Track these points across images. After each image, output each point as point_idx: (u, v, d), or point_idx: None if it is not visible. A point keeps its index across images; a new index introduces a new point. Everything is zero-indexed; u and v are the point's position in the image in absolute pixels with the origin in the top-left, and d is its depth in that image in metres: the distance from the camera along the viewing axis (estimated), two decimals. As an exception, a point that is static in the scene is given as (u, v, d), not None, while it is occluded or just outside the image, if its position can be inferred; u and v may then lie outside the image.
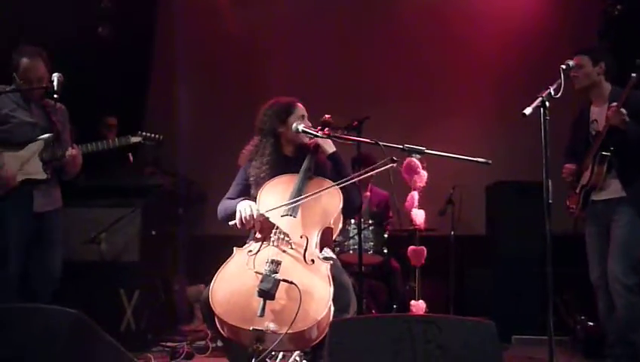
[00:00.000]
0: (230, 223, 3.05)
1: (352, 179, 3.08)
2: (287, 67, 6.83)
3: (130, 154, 5.44)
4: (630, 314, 3.70)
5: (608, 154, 3.77)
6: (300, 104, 3.35)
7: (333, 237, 3.16)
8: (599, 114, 3.91)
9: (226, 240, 3.04)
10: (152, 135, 4.20)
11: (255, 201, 3.07)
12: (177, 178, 6.00)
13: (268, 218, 2.95)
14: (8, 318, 2.23)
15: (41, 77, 3.79)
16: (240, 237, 3.15)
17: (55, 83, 3.62)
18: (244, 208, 2.99)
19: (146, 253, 5.15)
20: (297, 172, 3.17)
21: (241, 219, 2.98)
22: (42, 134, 3.86)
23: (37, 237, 3.84)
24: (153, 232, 5.26)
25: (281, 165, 3.24)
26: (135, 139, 4.12)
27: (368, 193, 5.46)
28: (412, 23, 6.81)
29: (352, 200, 3.17)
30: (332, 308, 2.65)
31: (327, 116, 3.39)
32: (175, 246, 5.82)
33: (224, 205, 3.22)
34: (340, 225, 3.18)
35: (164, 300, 5.44)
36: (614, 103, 3.66)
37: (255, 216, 2.96)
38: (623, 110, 3.61)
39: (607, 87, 3.93)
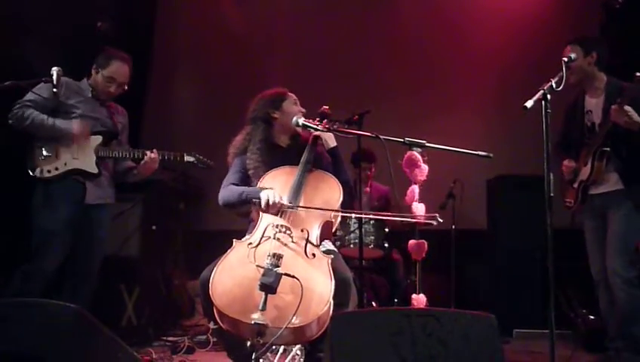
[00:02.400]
0: (254, 200, 3.02)
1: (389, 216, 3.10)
2: (287, 63, 6.83)
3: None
4: (631, 307, 3.70)
5: (608, 149, 3.75)
6: (290, 92, 3.40)
7: (333, 230, 3.15)
8: (595, 105, 3.88)
9: (227, 235, 3.04)
10: (206, 159, 4.26)
11: None
12: (177, 173, 5.99)
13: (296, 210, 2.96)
14: (9, 313, 2.23)
15: (125, 83, 4.06)
16: (240, 231, 3.14)
17: (54, 77, 3.61)
18: (273, 194, 2.97)
19: (147, 248, 5.16)
20: (291, 162, 3.18)
21: (267, 202, 2.95)
22: (101, 129, 3.96)
23: (85, 230, 3.86)
24: (153, 227, 5.27)
25: (272, 154, 3.25)
26: (189, 159, 4.18)
27: (368, 188, 5.46)
28: (413, 17, 6.79)
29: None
30: (332, 303, 2.65)
31: (325, 107, 3.39)
32: (175, 241, 5.82)
33: (234, 190, 3.20)
34: (339, 218, 3.17)
35: (164, 295, 5.45)
36: (617, 101, 3.60)
37: (283, 205, 2.96)
38: (627, 108, 3.56)
39: (602, 77, 3.89)
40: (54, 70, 3.64)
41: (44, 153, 3.76)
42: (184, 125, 7.07)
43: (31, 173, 3.74)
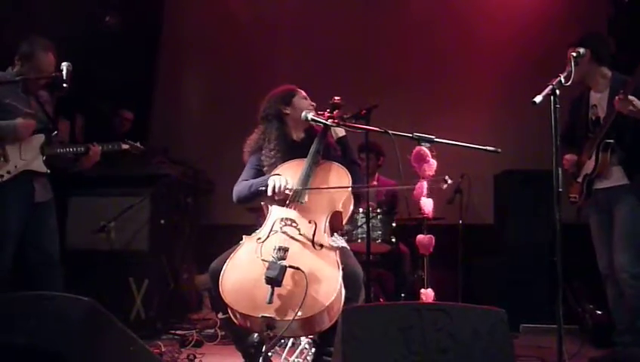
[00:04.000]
0: (261, 188, 3.05)
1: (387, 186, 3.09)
2: (295, 56, 6.83)
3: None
4: (639, 301, 3.70)
5: (612, 141, 3.74)
6: (298, 88, 3.42)
7: (344, 221, 3.16)
8: (600, 99, 3.87)
9: (235, 229, 3.07)
10: (137, 144, 4.32)
11: None
12: (186, 167, 6.02)
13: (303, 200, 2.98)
14: (23, 306, 2.25)
15: (51, 71, 3.81)
16: (248, 226, 3.16)
17: (64, 72, 3.62)
18: (280, 179, 3.00)
19: (155, 242, 5.19)
20: (306, 156, 3.18)
21: (274, 188, 2.97)
22: (40, 126, 3.89)
23: (36, 225, 3.88)
24: (162, 221, 5.29)
25: (290, 150, 3.27)
26: (124, 147, 4.23)
27: (375, 182, 5.46)
28: (421, 12, 6.78)
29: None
30: (343, 293, 2.66)
31: (336, 98, 3.41)
32: (184, 235, 5.84)
33: (244, 184, 3.22)
34: (352, 208, 3.17)
35: (173, 289, 5.48)
36: (621, 92, 3.60)
37: (291, 189, 2.98)
38: (631, 97, 3.54)
39: (606, 72, 3.87)
40: (64, 65, 3.65)
41: None
42: (192, 118, 7.10)
43: None
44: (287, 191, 2.99)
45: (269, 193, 2.98)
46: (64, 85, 3.63)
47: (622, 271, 3.73)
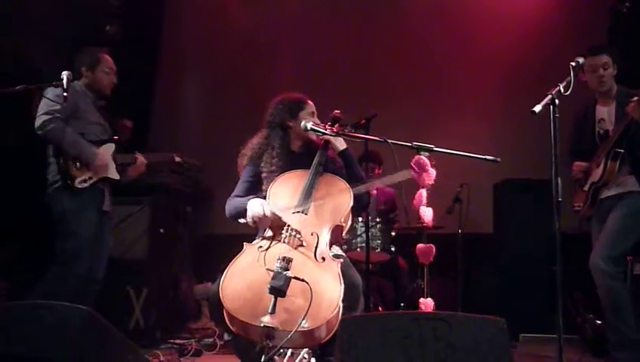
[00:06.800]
0: (241, 221, 3.05)
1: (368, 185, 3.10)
2: (294, 64, 6.85)
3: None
4: (610, 299, 3.69)
5: (622, 151, 3.73)
6: (310, 101, 3.39)
7: (343, 235, 3.16)
8: (608, 113, 3.88)
9: (234, 239, 3.04)
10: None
11: (265, 197, 3.07)
12: (184, 176, 6.01)
13: (280, 217, 2.95)
14: (22, 315, 2.24)
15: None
16: (248, 236, 3.15)
17: (65, 81, 3.61)
18: (256, 206, 2.97)
19: (155, 251, 5.18)
20: (304, 167, 3.18)
21: (252, 217, 2.97)
22: (107, 136, 4.08)
23: (98, 236, 3.98)
24: (161, 230, 5.29)
25: (289, 161, 3.26)
26: (177, 159, 4.66)
27: (375, 191, 5.45)
28: (420, 21, 6.81)
29: (360, 198, 3.17)
30: (341, 307, 2.66)
31: (336, 112, 3.40)
32: (183, 244, 5.83)
33: (233, 203, 3.21)
34: (350, 223, 3.17)
35: (172, 298, 5.47)
36: (635, 98, 3.60)
37: (267, 215, 2.95)
38: None
39: (615, 87, 3.92)
40: (64, 74, 3.64)
41: (78, 163, 3.87)
42: (191, 124, 7.10)
43: (70, 183, 3.83)
44: (267, 216, 2.95)
45: (250, 223, 2.99)
46: (65, 94, 3.62)
47: (594, 264, 3.72)
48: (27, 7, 5.30)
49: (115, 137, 4.14)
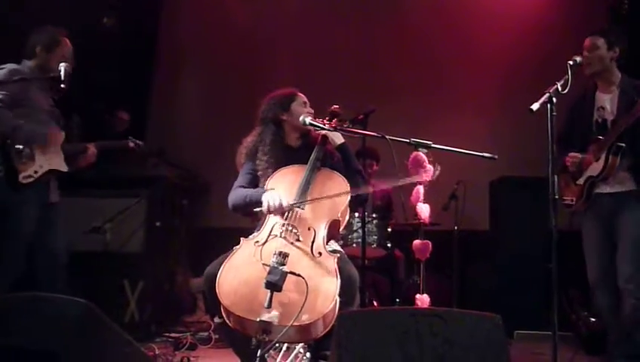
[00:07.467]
0: (256, 209, 3.02)
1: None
2: (293, 60, 6.85)
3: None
4: (634, 315, 3.54)
5: (624, 145, 3.57)
6: (300, 93, 3.40)
7: (340, 230, 3.17)
8: (610, 102, 3.73)
9: (230, 232, 3.05)
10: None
11: None
12: (181, 169, 6.02)
13: (296, 211, 2.96)
14: (18, 307, 2.24)
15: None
16: (243, 229, 3.15)
17: (62, 73, 3.56)
18: (273, 198, 2.96)
19: (151, 244, 5.18)
20: (302, 162, 3.18)
21: (268, 207, 2.95)
22: (56, 123, 3.87)
23: (46, 225, 3.82)
24: (158, 223, 5.29)
25: (284, 155, 3.26)
26: (131, 145, 4.39)
27: (371, 187, 5.45)
28: (419, 18, 6.82)
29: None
30: (337, 301, 2.66)
31: (335, 106, 3.41)
32: (179, 238, 5.84)
33: (240, 193, 3.19)
34: (347, 218, 3.18)
35: (167, 291, 5.47)
36: None
37: (284, 207, 2.95)
38: None
39: (617, 73, 3.76)
40: (62, 66, 3.61)
41: (23, 156, 3.61)
42: (189, 120, 7.09)
43: (13, 178, 3.57)
44: (283, 207, 2.96)
45: (265, 212, 2.97)
46: (62, 86, 3.58)
47: (627, 282, 3.55)
48: (24, -1, 5.29)
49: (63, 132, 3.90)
